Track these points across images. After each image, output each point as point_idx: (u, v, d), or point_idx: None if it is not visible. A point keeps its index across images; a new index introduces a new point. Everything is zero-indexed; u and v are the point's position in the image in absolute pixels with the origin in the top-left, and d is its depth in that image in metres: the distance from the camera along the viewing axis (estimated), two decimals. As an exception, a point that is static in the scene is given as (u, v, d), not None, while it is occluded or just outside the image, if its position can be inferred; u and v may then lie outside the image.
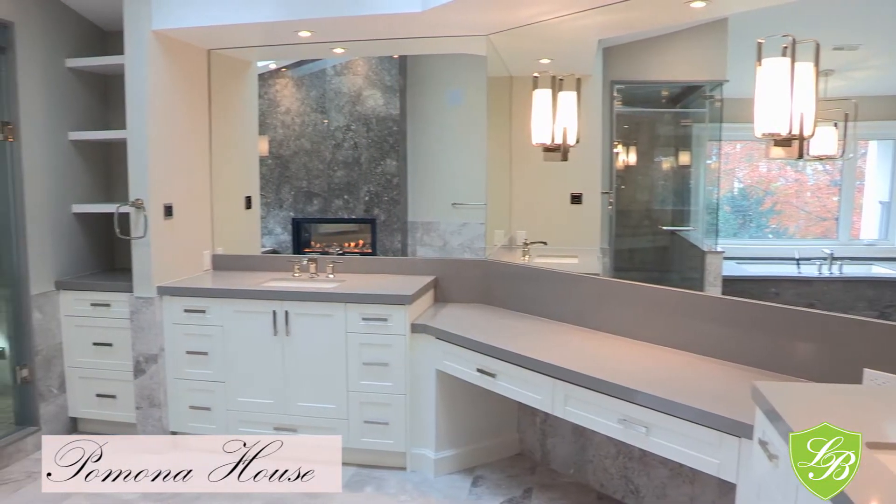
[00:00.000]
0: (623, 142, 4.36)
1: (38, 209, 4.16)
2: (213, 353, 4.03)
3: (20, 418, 4.24)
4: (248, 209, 4.92)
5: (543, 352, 3.10)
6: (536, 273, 3.91)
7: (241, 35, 4.20)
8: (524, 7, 3.49)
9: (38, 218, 4.17)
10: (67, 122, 4.38)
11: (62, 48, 4.33)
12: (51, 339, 4.29)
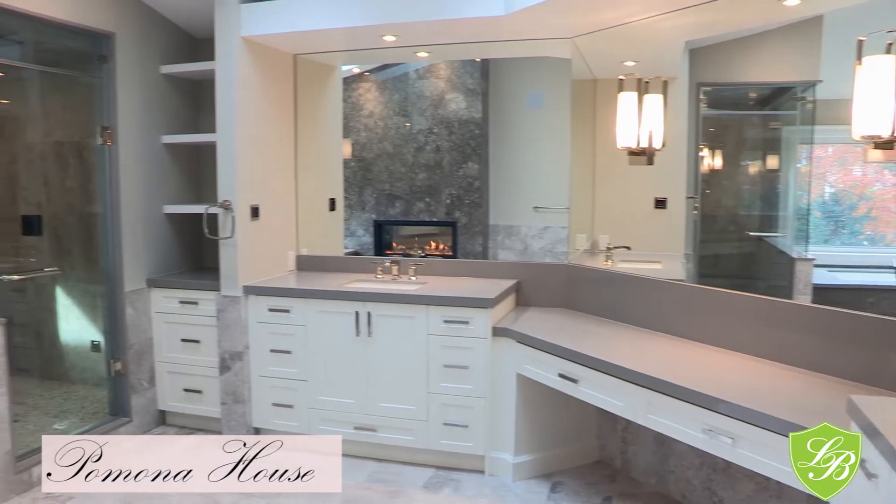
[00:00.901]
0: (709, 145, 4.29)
1: (132, 209, 4.38)
2: (296, 351, 4.15)
3: (113, 409, 4.47)
4: (332, 211, 5.04)
5: (626, 358, 3.09)
6: (619, 278, 3.88)
7: (327, 40, 4.31)
8: (610, 9, 3.48)
9: (133, 218, 4.39)
10: (160, 125, 4.59)
11: (157, 56, 4.54)
12: (142, 335, 4.49)
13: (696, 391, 2.64)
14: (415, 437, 3.98)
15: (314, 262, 4.77)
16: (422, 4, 3.77)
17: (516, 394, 3.77)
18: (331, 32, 4.07)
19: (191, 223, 4.78)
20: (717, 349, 3.25)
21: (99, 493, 3.61)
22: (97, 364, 4.70)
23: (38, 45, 4.40)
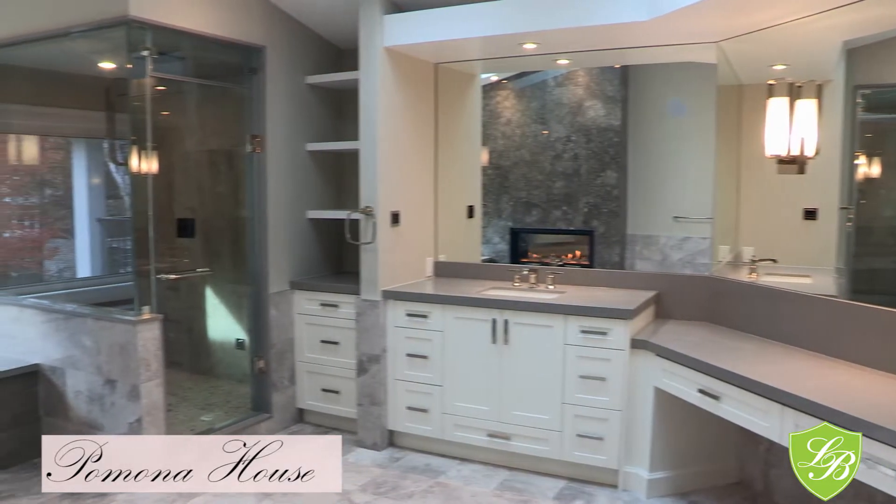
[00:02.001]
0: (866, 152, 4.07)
1: (277, 214, 4.63)
2: (432, 356, 4.25)
3: (256, 405, 4.73)
4: (470, 218, 5.13)
5: (772, 376, 2.99)
6: (766, 292, 3.76)
7: (468, 48, 4.40)
8: (761, 10, 3.38)
9: (278, 222, 4.64)
10: (305, 133, 4.82)
11: (303, 67, 4.78)
12: (284, 335, 4.72)
13: (852, 415, 2.51)
14: (548, 447, 4.00)
15: (452, 269, 4.87)
16: (562, 11, 3.79)
17: (653, 408, 3.72)
18: (471, 41, 4.16)
19: (332, 228, 4.99)
20: (872, 371, 3.08)
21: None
22: (241, 361, 4.99)
23: (197, 60, 4.73)
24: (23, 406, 4.33)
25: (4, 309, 4.57)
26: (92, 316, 4.06)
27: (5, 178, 6.32)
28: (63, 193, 6.58)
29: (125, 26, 3.79)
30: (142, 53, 3.85)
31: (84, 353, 4.09)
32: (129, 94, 3.92)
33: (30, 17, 4.23)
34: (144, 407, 3.87)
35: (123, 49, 3.89)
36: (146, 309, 3.91)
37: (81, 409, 4.16)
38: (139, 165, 3.94)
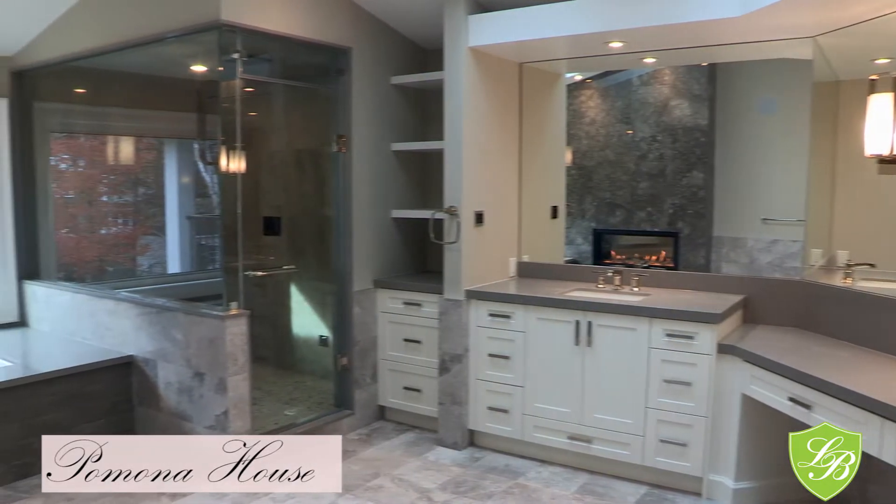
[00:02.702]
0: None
1: (363, 213, 4.68)
2: (514, 357, 4.23)
3: (338, 401, 4.80)
4: (554, 219, 5.08)
5: (870, 386, 2.85)
6: (864, 298, 3.60)
7: (553, 48, 4.36)
8: (861, 2, 3.21)
9: (363, 221, 4.69)
10: (390, 133, 4.86)
11: (388, 67, 4.82)
12: (367, 333, 4.77)
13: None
14: (630, 451, 3.93)
15: (535, 270, 4.84)
16: (650, 9, 3.71)
17: (740, 415, 3.62)
18: (556, 40, 4.12)
19: (416, 227, 5.02)
20: (981, 382, 2.92)
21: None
22: (325, 358, 5.06)
23: (284, 62, 4.83)
24: (118, 395, 4.49)
25: (102, 302, 4.74)
26: (182, 310, 4.18)
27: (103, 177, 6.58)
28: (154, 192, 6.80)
29: (217, 31, 3.89)
30: (232, 56, 3.94)
31: (175, 347, 4.21)
32: (220, 96, 4.01)
33: (127, 25, 4.38)
34: (231, 400, 3.96)
35: (215, 52, 3.99)
36: (234, 305, 4.00)
37: (171, 400, 4.28)
38: (228, 165, 4.03)
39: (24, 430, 4.03)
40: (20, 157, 5.32)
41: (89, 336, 4.84)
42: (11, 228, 5.31)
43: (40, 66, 5.10)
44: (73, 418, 4.25)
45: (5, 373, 4.21)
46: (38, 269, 5.42)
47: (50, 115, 5.45)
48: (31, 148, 5.35)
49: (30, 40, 5.03)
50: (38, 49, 5.03)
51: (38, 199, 5.40)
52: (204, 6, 3.87)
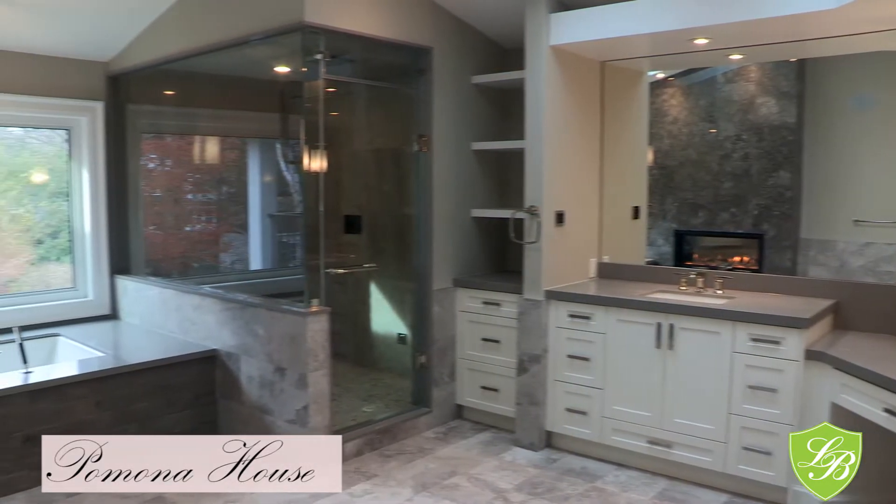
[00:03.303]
0: None
1: (443, 213, 4.70)
2: (593, 359, 4.18)
3: (416, 399, 4.83)
4: (635, 219, 5.00)
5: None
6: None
7: (635, 45, 4.30)
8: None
9: (443, 220, 4.71)
10: (470, 133, 4.87)
11: (468, 66, 4.82)
12: (446, 331, 4.79)
13: None
14: (711, 458, 3.84)
15: (615, 271, 4.77)
16: (738, 4, 3.61)
17: (830, 424, 3.48)
18: (639, 38, 4.06)
19: (496, 227, 5.02)
20: None
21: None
22: (403, 355, 5.10)
23: (366, 62, 4.88)
24: (202, 387, 4.61)
25: (187, 297, 4.88)
26: (265, 306, 4.26)
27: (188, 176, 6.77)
28: (237, 191, 6.96)
29: (300, 32, 3.96)
30: (315, 57, 4.01)
31: (257, 342, 4.31)
32: (303, 97, 4.08)
33: (214, 29, 4.49)
34: (311, 395, 4.03)
35: (298, 54, 4.06)
36: (315, 302, 4.07)
37: (253, 394, 4.38)
38: (311, 164, 4.10)
39: (117, 418, 4.21)
40: (114, 158, 5.53)
41: (175, 329, 4.99)
42: (105, 225, 5.52)
43: (133, 71, 5.28)
44: (159, 408, 4.39)
45: (99, 363, 4.39)
46: (128, 264, 5.62)
47: (141, 116, 5.65)
48: (124, 148, 5.56)
49: (124, 46, 5.21)
50: (131, 54, 5.21)
51: (129, 198, 5.60)
52: (288, 8, 3.94)
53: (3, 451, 3.78)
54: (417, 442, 4.57)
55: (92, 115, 5.41)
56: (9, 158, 5.53)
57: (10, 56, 4.85)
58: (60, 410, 3.99)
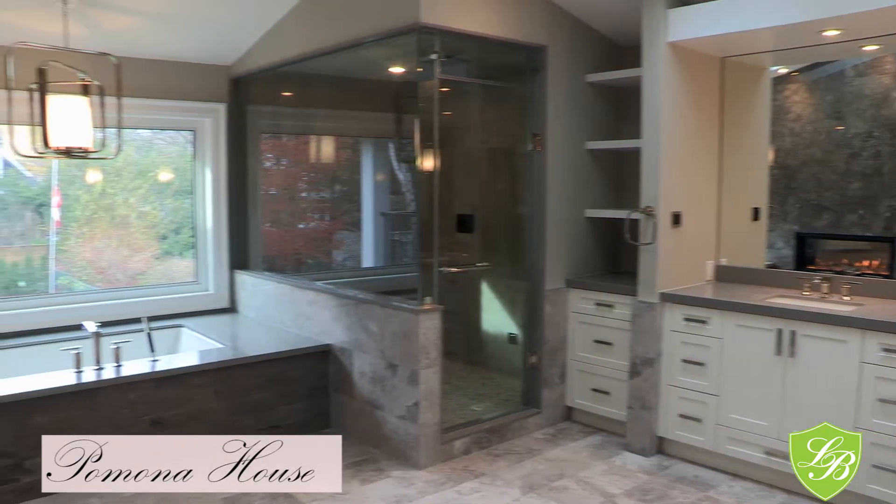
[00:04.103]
0: None
1: (556, 212, 4.69)
2: (709, 364, 4.08)
3: (525, 399, 4.84)
4: (755, 221, 4.84)
5: None
6: None
7: (758, 40, 4.17)
8: None
9: (556, 220, 4.70)
10: (584, 132, 4.83)
11: (583, 65, 4.79)
12: (557, 332, 4.77)
13: None
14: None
15: (732, 274, 4.63)
16: (876, -10, 3.42)
17: (972, 442, 3.28)
18: (763, 32, 3.92)
19: (609, 227, 4.97)
20: None
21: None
22: (513, 355, 5.11)
23: (480, 62, 4.91)
24: (315, 381, 4.76)
25: (302, 292, 5.04)
26: (378, 303, 4.35)
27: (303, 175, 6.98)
28: (349, 189, 7.12)
29: (416, 33, 4.02)
30: (430, 57, 4.06)
31: (370, 338, 4.40)
32: (418, 97, 4.14)
33: (331, 32, 4.61)
34: (422, 392, 4.09)
35: (413, 54, 4.13)
36: (428, 300, 4.13)
37: (365, 389, 4.48)
38: (424, 163, 4.16)
39: (236, 407, 4.41)
40: (235, 157, 5.78)
41: (290, 324, 5.16)
42: (226, 222, 5.77)
43: (253, 73, 5.50)
44: (274, 400, 4.57)
45: (218, 354, 4.61)
46: (247, 260, 5.85)
47: (260, 117, 5.87)
48: (245, 148, 5.79)
49: (245, 50, 5.43)
50: (252, 58, 5.42)
51: (248, 196, 5.84)
52: (404, 10, 4.01)
53: (133, 433, 4.02)
54: (526, 442, 4.57)
55: (215, 116, 5.67)
56: (138, 159, 5.87)
57: (142, 63, 5.13)
58: (182, 398, 4.22)
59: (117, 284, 5.83)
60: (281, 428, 4.56)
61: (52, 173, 5.53)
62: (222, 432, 4.29)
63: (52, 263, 5.60)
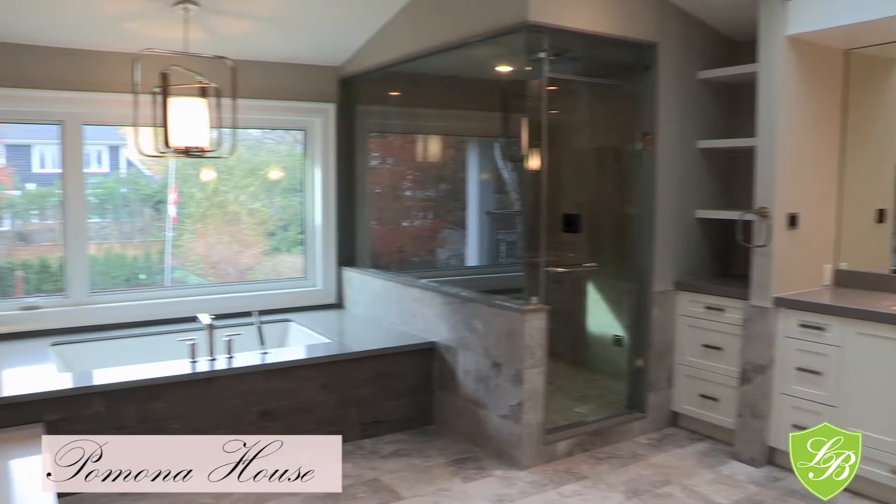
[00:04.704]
0: None
1: (666, 212, 4.61)
2: (826, 373, 3.91)
3: (630, 403, 4.77)
4: (880, 223, 4.61)
5: None
6: None
7: (890, 29, 3.92)
8: None
9: (666, 221, 4.61)
10: (696, 130, 4.72)
11: (695, 61, 4.68)
12: (664, 335, 4.68)
13: None
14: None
15: (853, 279, 4.41)
16: None
17: None
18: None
19: (721, 229, 4.84)
20: None
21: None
22: (618, 357, 5.05)
23: (588, 60, 4.87)
24: (419, 378, 4.83)
25: (408, 290, 5.11)
26: (484, 302, 4.37)
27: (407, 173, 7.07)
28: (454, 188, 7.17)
29: (524, 31, 4.01)
30: (539, 56, 4.05)
31: (475, 336, 4.43)
32: (525, 95, 4.14)
33: (439, 32, 4.66)
34: (526, 392, 4.09)
35: (521, 53, 4.14)
36: (534, 299, 4.12)
37: (469, 387, 4.51)
38: (531, 162, 4.15)
39: (341, 401, 4.52)
40: (343, 156, 5.92)
41: (395, 321, 5.24)
42: (334, 220, 5.92)
43: (361, 73, 5.61)
44: (379, 395, 4.66)
45: (325, 348, 4.75)
46: (354, 257, 5.99)
47: (368, 116, 5.99)
48: (353, 147, 5.93)
49: (355, 51, 5.55)
50: (361, 58, 5.53)
51: (356, 194, 5.96)
52: (512, 8, 4.01)
53: (245, 423, 4.20)
54: (630, 447, 4.50)
55: (325, 116, 5.82)
56: (248, 157, 6.09)
57: (256, 65, 5.32)
58: (290, 390, 4.36)
59: (228, 279, 6.07)
60: (384, 423, 4.65)
61: (170, 172, 5.81)
62: (328, 425, 4.42)
63: (167, 258, 5.89)
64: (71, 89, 4.81)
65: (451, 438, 4.61)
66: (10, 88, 4.62)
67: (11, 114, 4.79)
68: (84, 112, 4.94)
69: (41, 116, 4.91)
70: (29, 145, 5.58)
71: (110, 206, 5.74)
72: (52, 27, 4.51)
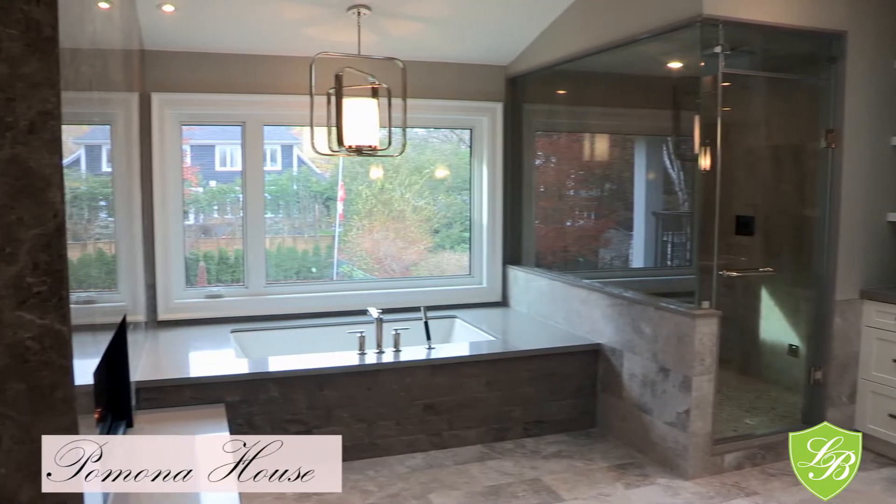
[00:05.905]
0: None
1: (851, 215, 4.30)
2: None
3: (806, 417, 4.49)
4: None
5: None
6: None
7: None
8: None
9: (851, 224, 4.31)
10: (890, 126, 4.38)
11: (890, 51, 4.34)
12: (848, 347, 4.38)
13: None
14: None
15: None
16: None
17: None
18: None
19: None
20: None
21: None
22: (793, 368, 4.79)
23: (765, 53, 4.65)
24: (584, 379, 4.78)
25: (575, 290, 5.07)
26: (652, 305, 4.26)
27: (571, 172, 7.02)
28: (619, 187, 7.05)
29: (698, 26, 3.87)
30: (714, 51, 3.90)
31: (642, 339, 4.33)
32: (698, 92, 4.00)
33: (608, 28, 4.59)
34: (694, 399, 3.95)
35: (694, 48, 3.99)
36: (706, 304, 3.98)
37: (634, 391, 4.41)
38: (704, 162, 4.00)
39: (504, 399, 4.56)
40: (510, 155, 5.95)
41: (561, 321, 5.21)
42: (500, 218, 5.97)
43: (528, 72, 5.62)
44: (543, 394, 4.66)
45: (489, 346, 4.81)
46: (519, 255, 6.01)
47: (535, 115, 5.99)
48: (520, 146, 5.95)
49: (521, 50, 5.57)
50: (528, 57, 5.54)
51: (522, 193, 5.98)
52: (685, 2, 3.89)
53: (409, 416, 4.32)
54: (807, 463, 4.25)
55: (492, 115, 5.88)
56: (414, 156, 6.24)
57: (425, 65, 5.44)
58: (455, 385, 4.45)
59: (392, 274, 6.25)
60: (547, 423, 4.64)
61: (338, 170, 6.06)
62: (490, 422, 4.48)
63: (335, 252, 6.14)
64: (253, 92, 5.14)
65: (614, 442, 4.54)
66: (199, 93, 5.08)
67: (201, 116, 5.25)
68: (264, 113, 5.29)
69: (226, 118, 5.32)
70: (212, 145, 6.01)
71: (282, 202, 6.08)
72: (237, 36, 4.86)
